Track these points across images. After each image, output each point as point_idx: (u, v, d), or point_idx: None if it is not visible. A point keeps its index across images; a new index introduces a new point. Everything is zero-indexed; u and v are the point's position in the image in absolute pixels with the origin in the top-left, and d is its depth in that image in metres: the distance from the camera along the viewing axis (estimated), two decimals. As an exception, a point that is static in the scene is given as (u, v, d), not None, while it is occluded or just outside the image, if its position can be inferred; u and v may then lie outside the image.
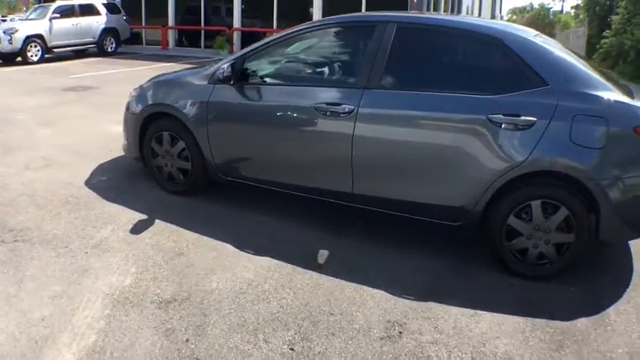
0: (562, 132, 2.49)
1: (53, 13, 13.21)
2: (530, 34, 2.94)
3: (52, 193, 3.79)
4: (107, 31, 14.41)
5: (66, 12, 13.63)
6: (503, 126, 2.56)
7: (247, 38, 15.12)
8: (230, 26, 15.33)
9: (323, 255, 2.88)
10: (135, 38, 16.65)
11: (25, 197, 3.72)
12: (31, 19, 13.58)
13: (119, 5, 15.55)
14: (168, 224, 3.28)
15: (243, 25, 15.43)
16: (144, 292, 2.52)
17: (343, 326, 2.22)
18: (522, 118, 2.54)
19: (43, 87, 8.85)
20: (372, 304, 2.38)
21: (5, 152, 4.88)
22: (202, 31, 16.42)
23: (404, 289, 2.53)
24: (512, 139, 2.56)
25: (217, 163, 3.40)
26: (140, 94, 3.75)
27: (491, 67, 2.83)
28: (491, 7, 28.27)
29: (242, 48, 13.63)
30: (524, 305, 2.43)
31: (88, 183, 4.02)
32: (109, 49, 14.53)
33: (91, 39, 13.98)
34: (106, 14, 14.52)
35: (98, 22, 14.21)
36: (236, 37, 15.38)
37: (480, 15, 24.13)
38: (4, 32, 12.19)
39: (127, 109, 3.86)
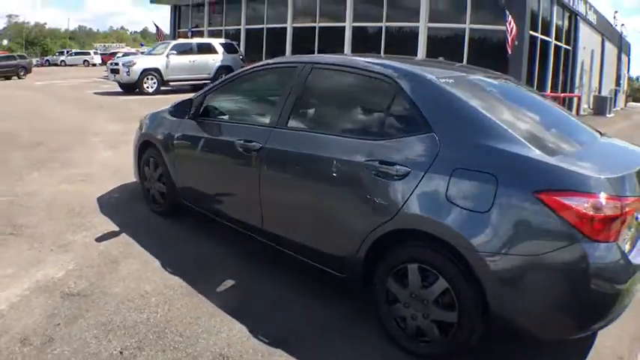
0: (438, 187, 2.24)
1: (171, 50, 15.62)
2: (450, 74, 2.79)
3: (67, 203, 4.64)
4: (222, 69, 16.43)
5: (184, 49, 16.01)
6: (377, 174, 2.42)
7: None
8: None
9: (226, 284, 3.11)
10: None
11: (45, 203, 4.63)
12: (151, 54, 16.06)
13: (237, 46, 17.73)
14: (129, 238, 3.83)
15: None
16: (62, 284, 3.05)
17: (178, 347, 2.44)
18: (396, 167, 2.37)
19: (139, 115, 10.43)
20: (223, 336, 2.55)
21: (61, 167, 6.02)
22: None
23: (268, 330, 2.58)
24: (385, 190, 2.40)
25: (180, 188, 3.90)
26: (140, 125, 4.45)
27: (382, 109, 2.67)
28: (616, 66, 25.40)
29: None
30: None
31: (100, 198, 4.80)
32: None
33: (207, 75, 16.07)
34: (223, 53, 16.71)
35: (214, 60, 16.42)
36: None
37: (600, 74, 21.42)
38: (123, 65, 14.67)
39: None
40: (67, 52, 49.01)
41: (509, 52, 11.46)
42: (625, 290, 2.11)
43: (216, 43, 17.15)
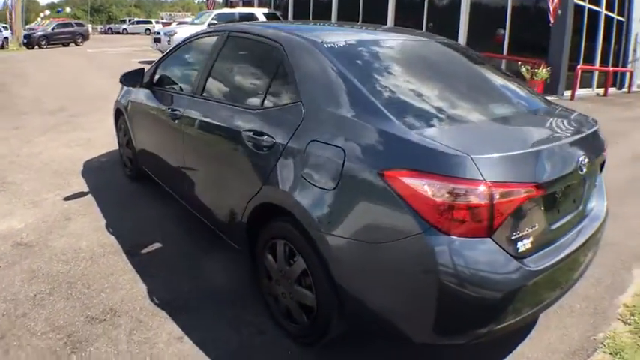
0: (295, 160, 2.17)
1: (212, 19, 16.15)
2: (350, 38, 2.61)
3: (57, 165, 5.16)
4: None
5: (225, 19, 16.40)
6: (252, 145, 2.43)
7: None
8: None
9: (152, 246, 3.39)
10: None
11: (40, 165, 5.17)
12: (194, 24, 16.61)
13: (280, 16, 18.04)
14: (92, 199, 4.25)
15: None
16: (17, 235, 3.51)
17: (80, 297, 2.77)
18: (264, 137, 2.36)
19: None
20: (122, 293, 2.81)
21: (69, 131, 6.62)
22: None
23: (163, 293, 2.80)
24: (256, 162, 2.42)
25: (137, 153, 4.23)
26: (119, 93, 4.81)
27: (270, 77, 2.61)
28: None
29: None
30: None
31: (88, 162, 5.28)
32: None
33: None
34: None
35: None
36: None
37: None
38: (164, 34, 15.32)
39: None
40: (130, 20, 51.23)
41: (551, 23, 10.81)
42: (510, 298, 1.82)
43: (259, 12, 17.43)
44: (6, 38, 25.80)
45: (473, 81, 2.74)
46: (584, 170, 2.12)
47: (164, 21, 49.88)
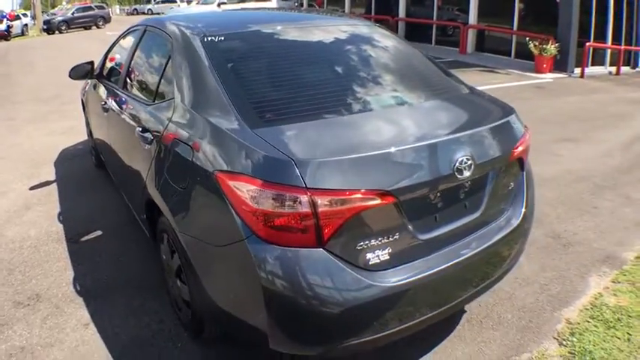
0: (164, 157, 2.31)
1: None
2: (240, 29, 2.66)
3: (35, 154, 5.56)
4: None
5: None
6: (140, 141, 2.57)
7: (412, 28, 15.54)
8: (395, 15, 15.91)
9: (93, 235, 3.64)
10: None
11: (18, 155, 5.63)
12: (205, 3, 16.82)
13: None
14: (55, 187, 4.57)
15: (410, 14, 15.74)
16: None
17: (14, 283, 3.03)
18: (146, 134, 2.51)
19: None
20: (50, 280, 3.06)
21: (56, 120, 7.03)
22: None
23: (87, 281, 3.03)
24: (143, 158, 2.57)
25: (95, 141, 4.50)
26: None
27: (161, 72, 2.67)
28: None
29: (406, 39, 14.28)
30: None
31: (64, 151, 5.65)
32: None
33: None
34: (277, 2, 16.96)
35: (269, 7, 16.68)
36: (400, 27, 15.97)
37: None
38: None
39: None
40: (155, 0, 51.92)
41: None
42: (356, 312, 1.78)
43: None
44: (25, 25, 27.00)
45: (366, 72, 2.57)
46: (468, 173, 1.96)
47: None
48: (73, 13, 28.57)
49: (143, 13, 47.63)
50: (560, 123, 6.68)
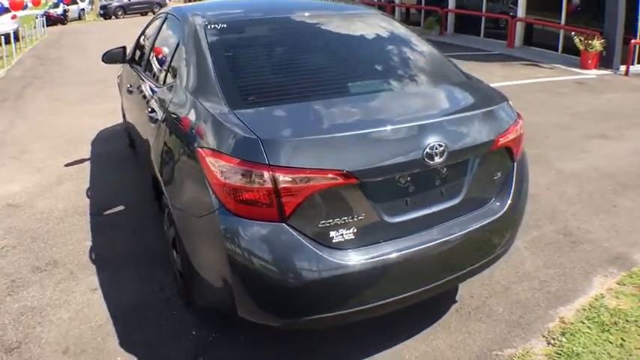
0: (165, 135, 2.63)
1: None
2: (242, 17, 2.95)
3: (75, 134, 6.06)
4: None
5: None
6: (150, 120, 2.95)
7: (462, 20, 15.49)
8: (445, 7, 15.80)
9: (115, 209, 3.98)
10: None
11: (58, 133, 6.11)
12: None
13: None
14: (88, 165, 4.97)
15: (459, 6, 15.68)
16: (12, 196, 4.32)
17: (35, 250, 3.41)
18: (153, 114, 2.89)
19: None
20: (70, 248, 3.42)
21: (101, 102, 7.59)
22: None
23: (103, 250, 3.38)
24: (150, 137, 2.97)
25: (127, 123, 4.85)
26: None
27: (172, 57, 2.98)
28: None
29: (455, 31, 14.05)
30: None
31: (102, 131, 6.13)
32: None
33: None
34: None
35: None
36: (450, 19, 15.90)
37: None
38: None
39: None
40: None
41: None
42: (317, 287, 1.93)
43: None
44: (82, 9, 28.61)
45: (354, 59, 2.79)
46: (440, 159, 2.05)
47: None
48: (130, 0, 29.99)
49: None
50: (594, 119, 6.54)
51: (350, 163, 1.92)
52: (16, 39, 15.91)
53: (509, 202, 2.39)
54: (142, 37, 4.34)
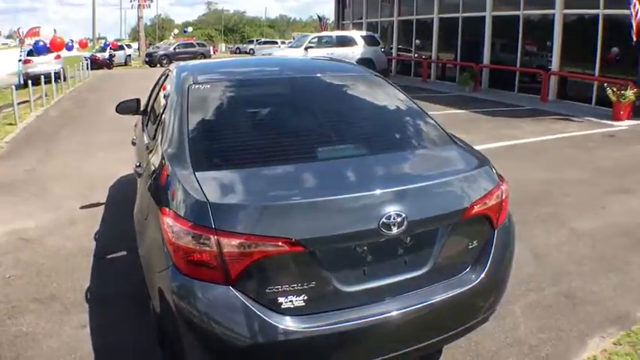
0: (141, 190, 2.97)
1: (309, 42, 18.28)
2: (231, 76, 3.25)
3: (96, 178, 6.67)
4: (362, 62, 18.18)
5: (322, 42, 18.43)
6: (135, 175, 3.41)
7: (496, 75, 16.31)
8: (480, 62, 16.67)
9: (117, 254, 4.41)
10: (407, 69, 21.19)
11: (82, 177, 6.74)
12: (291, 47, 18.52)
13: (378, 38, 19.78)
14: (102, 209, 5.45)
15: (494, 61, 16.50)
16: (26, 231, 4.83)
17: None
18: (138, 169, 3.31)
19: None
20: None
21: (128, 148, 8.11)
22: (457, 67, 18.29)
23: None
24: (137, 188, 3.31)
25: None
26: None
27: (163, 111, 3.22)
28: None
29: (489, 86, 15.61)
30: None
31: (121, 178, 6.65)
32: None
33: None
34: (363, 45, 18.70)
35: (354, 53, 18.43)
36: (484, 74, 16.74)
37: None
38: (262, 55, 17.32)
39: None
40: (257, 40, 56.53)
41: (634, 40, 10.48)
42: (258, 350, 2.06)
43: (357, 35, 19.19)
44: (128, 55, 30.74)
45: (329, 124, 2.96)
46: (398, 229, 2.13)
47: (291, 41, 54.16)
48: (175, 49, 32.06)
49: (245, 52, 51.78)
50: (618, 174, 6.71)
51: (298, 232, 2.04)
52: (59, 79, 17.17)
53: (484, 272, 2.42)
54: (152, 90, 4.76)
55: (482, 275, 2.42)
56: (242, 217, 2.06)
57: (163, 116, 3.05)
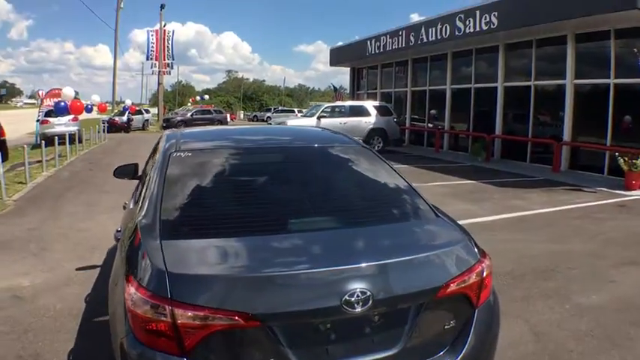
0: (118, 256, 2.94)
1: (322, 112, 19.03)
2: (217, 144, 3.42)
3: (96, 240, 6.89)
4: (374, 132, 19.19)
5: (335, 111, 19.20)
6: (114, 239, 3.44)
7: (508, 145, 16.74)
8: (491, 132, 17.12)
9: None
10: (420, 138, 21.87)
11: (81, 238, 6.99)
12: (305, 116, 19.22)
13: (391, 109, 20.56)
14: (98, 272, 5.70)
15: (505, 132, 16.96)
16: (20, 289, 5.07)
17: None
18: (117, 234, 3.34)
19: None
20: None
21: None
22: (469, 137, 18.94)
23: None
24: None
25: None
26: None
27: (148, 178, 3.29)
28: None
29: (501, 156, 16.70)
30: None
31: (121, 240, 6.89)
32: (375, 148, 19.16)
33: (358, 137, 18.24)
34: (376, 115, 19.38)
35: (367, 123, 19.17)
36: (497, 144, 17.21)
37: None
38: (276, 124, 17.96)
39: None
40: (274, 109, 58.36)
41: None
42: None
43: (370, 105, 19.97)
44: (146, 120, 32.02)
45: (305, 196, 3.03)
46: (362, 308, 2.14)
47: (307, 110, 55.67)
48: (192, 115, 33.35)
49: (262, 120, 53.20)
50: (628, 245, 6.72)
51: (255, 306, 2.08)
52: (73, 141, 17.96)
53: (461, 354, 2.38)
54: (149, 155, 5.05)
55: (460, 358, 2.38)
56: (198, 288, 2.11)
57: (146, 182, 3.21)
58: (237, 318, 2.07)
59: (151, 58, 39.13)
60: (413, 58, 22.04)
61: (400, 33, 20.28)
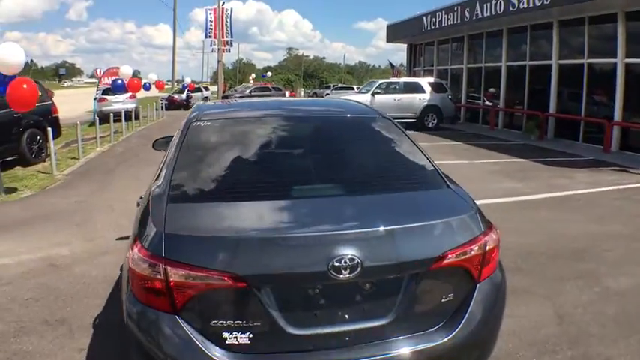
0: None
1: (377, 88, 18.89)
2: (242, 114, 3.47)
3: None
4: (429, 108, 18.93)
5: (390, 88, 19.03)
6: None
7: (562, 124, 16.28)
8: (545, 111, 16.61)
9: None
10: (475, 116, 21.45)
11: (126, 209, 7.13)
12: (360, 92, 19.07)
13: (445, 85, 20.16)
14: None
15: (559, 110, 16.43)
16: (57, 258, 5.23)
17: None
18: (139, 200, 3.66)
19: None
20: None
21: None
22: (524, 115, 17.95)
23: None
24: None
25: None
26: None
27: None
28: None
29: (555, 135, 15.77)
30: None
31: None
32: (430, 125, 19.00)
33: (412, 114, 18.62)
34: (430, 92, 19.05)
35: (421, 99, 18.92)
36: (550, 123, 16.69)
37: None
38: (329, 99, 18.00)
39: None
40: (333, 86, 58.09)
41: None
42: None
43: (424, 81, 19.58)
44: (205, 97, 32.60)
45: (316, 163, 3.04)
46: (350, 274, 2.15)
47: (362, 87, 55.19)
48: (250, 92, 33.58)
49: (321, 96, 52.90)
50: None
51: (243, 267, 2.15)
52: (130, 118, 18.56)
53: (457, 329, 2.34)
54: None
55: (455, 333, 2.34)
56: (190, 248, 2.20)
57: (168, 151, 3.33)
58: (225, 278, 2.14)
59: (210, 36, 39.81)
60: (469, 34, 21.46)
61: (455, 9, 19.73)
